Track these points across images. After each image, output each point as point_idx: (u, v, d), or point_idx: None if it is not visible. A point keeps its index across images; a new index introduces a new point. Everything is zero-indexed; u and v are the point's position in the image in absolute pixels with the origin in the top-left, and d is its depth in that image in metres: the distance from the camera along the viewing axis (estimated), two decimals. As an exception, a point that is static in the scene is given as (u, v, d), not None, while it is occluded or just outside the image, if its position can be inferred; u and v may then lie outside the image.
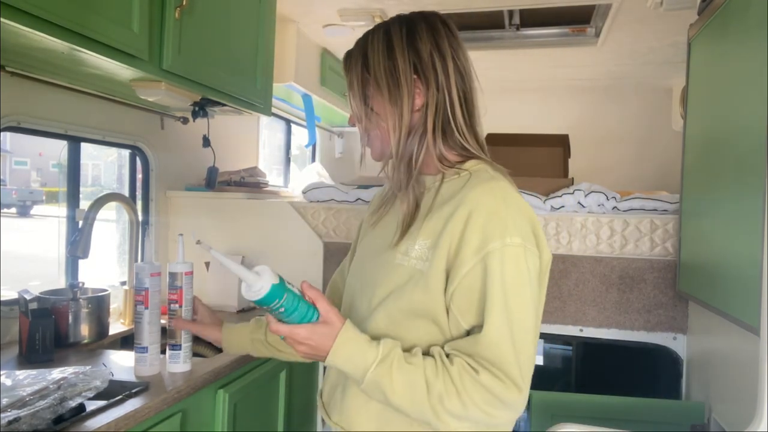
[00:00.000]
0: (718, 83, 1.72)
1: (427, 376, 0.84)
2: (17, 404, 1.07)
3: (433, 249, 0.89)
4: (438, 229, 0.90)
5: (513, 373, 0.84)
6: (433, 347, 0.90)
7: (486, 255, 0.86)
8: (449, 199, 0.92)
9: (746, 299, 1.40)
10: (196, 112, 2.02)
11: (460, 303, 0.88)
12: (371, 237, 1.07)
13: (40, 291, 1.73)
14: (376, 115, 0.98)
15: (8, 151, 11.80)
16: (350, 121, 1.06)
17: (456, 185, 0.94)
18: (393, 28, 0.98)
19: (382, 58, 0.96)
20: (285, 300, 0.85)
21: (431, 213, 0.93)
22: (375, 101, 0.98)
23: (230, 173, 2.55)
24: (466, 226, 0.87)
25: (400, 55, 0.95)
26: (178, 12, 1.59)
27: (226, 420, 1.59)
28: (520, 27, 2.78)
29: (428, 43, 0.96)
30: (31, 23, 1.14)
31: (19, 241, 5.68)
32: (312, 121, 3.10)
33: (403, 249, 0.94)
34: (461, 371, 0.84)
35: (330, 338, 0.86)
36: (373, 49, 0.97)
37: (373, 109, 0.98)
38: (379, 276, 0.96)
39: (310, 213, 2.38)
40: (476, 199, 0.88)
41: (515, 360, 0.84)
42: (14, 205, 10.15)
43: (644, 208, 2.13)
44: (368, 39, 1.00)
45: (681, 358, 2.08)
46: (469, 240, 0.87)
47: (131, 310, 2.02)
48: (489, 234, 0.86)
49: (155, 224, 2.32)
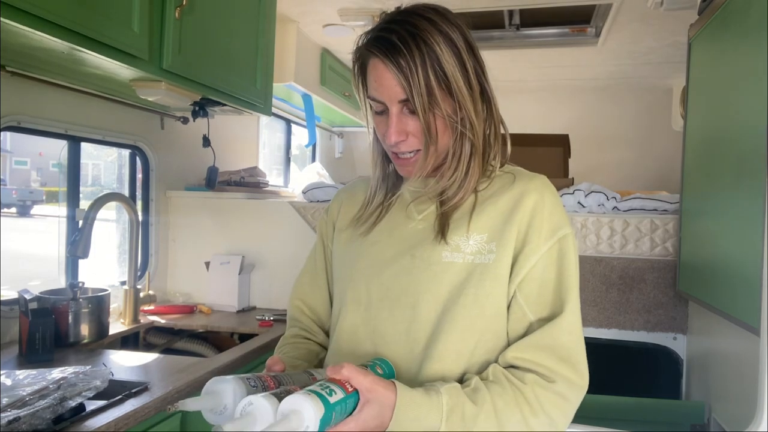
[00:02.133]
0: (718, 83, 1.72)
1: (499, 410, 0.78)
2: (17, 404, 1.07)
3: (497, 241, 0.87)
4: (496, 223, 0.88)
5: (581, 359, 0.84)
6: (494, 368, 0.83)
7: (559, 241, 0.86)
8: (498, 195, 0.90)
9: (746, 299, 1.40)
10: (196, 112, 2.02)
11: (528, 291, 0.86)
12: (373, 244, 0.95)
13: (40, 291, 1.73)
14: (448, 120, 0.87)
15: (8, 151, 11.79)
16: (397, 136, 0.88)
17: (496, 184, 0.93)
18: (441, 24, 0.87)
19: (455, 59, 0.86)
20: (335, 416, 0.69)
21: (478, 209, 0.90)
22: (460, 104, 0.87)
23: (230, 173, 2.55)
24: (532, 217, 0.87)
25: (465, 56, 0.88)
26: (178, 12, 1.59)
27: (226, 420, 1.58)
28: (520, 27, 2.78)
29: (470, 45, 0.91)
30: (32, 23, 1.14)
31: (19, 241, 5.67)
32: (312, 121, 3.10)
33: (453, 245, 0.88)
34: (534, 387, 0.80)
35: (385, 416, 0.74)
36: (440, 49, 0.85)
37: (453, 115, 0.87)
38: (422, 279, 0.88)
39: (310, 213, 2.38)
40: (538, 191, 0.88)
41: (584, 347, 0.85)
42: (14, 205, 10.15)
43: (644, 208, 2.13)
44: (422, 36, 0.85)
45: (681, 358, 2.08)
46: (539, 228, 0.86)
47: (131, 309, 2.02)
48: (556, 223, 0.87)
49: (155, 224, 2.32)
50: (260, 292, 2.40)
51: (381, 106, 0.89)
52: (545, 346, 0.82)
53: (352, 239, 0.98)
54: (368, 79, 0.90)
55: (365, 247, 0.96)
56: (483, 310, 0.85)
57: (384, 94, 0.87)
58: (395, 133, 0.87)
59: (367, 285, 0.92)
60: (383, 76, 0.86)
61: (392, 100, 0.86)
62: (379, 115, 0.91)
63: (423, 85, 0.83)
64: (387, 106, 0.88)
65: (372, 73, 0.88)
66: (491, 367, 0.83)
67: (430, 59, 0.84)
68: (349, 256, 0.98)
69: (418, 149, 0.89)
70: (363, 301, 0.92)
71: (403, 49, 0.84)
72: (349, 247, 0.98)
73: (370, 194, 0.99)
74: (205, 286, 2.35)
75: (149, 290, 2.22)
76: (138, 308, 2.05)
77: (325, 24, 2.61)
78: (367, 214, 0.98)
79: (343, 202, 1.06)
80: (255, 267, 2.40)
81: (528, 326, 0.85)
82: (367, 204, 0.99)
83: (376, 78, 0.87)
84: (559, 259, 0.86)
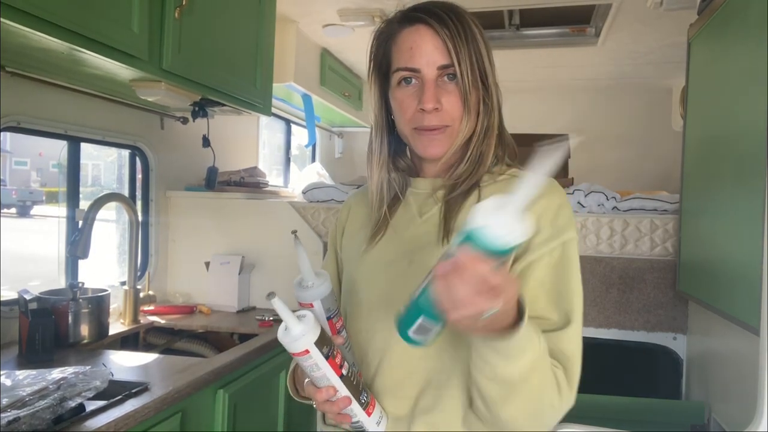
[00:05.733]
0: (718, 83, 1.72)
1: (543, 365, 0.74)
2: (17, 404, 1.07)
3: None
4: None
5: (577, 371, 0.80)
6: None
7: (563, 244, 0.82)
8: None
9: (746, 299, 1.40)
10: (196, 112, 2.02)
11: (528, 295, 0.80)
12: (375, 249, 0.93)
13: (40, 291, 1.73)
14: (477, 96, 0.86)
15: (8, 151, 11.82)
16: (434, 102, 0.83)
17: (502, 188, 0.87)
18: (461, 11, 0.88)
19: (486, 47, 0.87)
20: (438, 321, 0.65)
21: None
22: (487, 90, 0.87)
23: (230, 173, 2.55)
24: (537, 220, 0.82)
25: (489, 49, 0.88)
26: (178, 12, 1.59)
27: (225, 420, 1.59)
28: (520, 27, 2.78)
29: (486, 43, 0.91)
30: (31, 23, 1.14)
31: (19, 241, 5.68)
32: (312, 121, 3.10)
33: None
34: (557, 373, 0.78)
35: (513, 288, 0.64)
36: (477, 32, 0.86)
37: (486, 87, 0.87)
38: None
39: (310, 213, 2.38)
40: (544, 196, 0.83)
41: (579, 361, 0.81)
42: (14, 205, 10.17)
43: (644, 208, 2.13)
44: (464, 16, 0.86)
45: (681, 358, 2.08)
46: (542, 231, 0.82)
47: (131, 310, 2.02)
48: (561, 226, 0.83)
49: (155, 224, 2.32)
50: (260, 293, 2.40)
51: (411, 74, 0.85)
52: (555, 349, 0.79)
53: (359, 244, 0.96)
54: (398, 50, 0.87)
55: (368, 252, 0.93)
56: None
57: (422, 58, 0.83)
58: (432, 99, 0.83)
59: (367, 291, 0.91)
60: (425, 40, 0.84)
61: (431, 65, 0.83)
62: (404, 87, 0.86)
63: (467, 52, 0.83)
64: (422, 73, 0.84)
65: (406, 41, 0.85)
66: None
67: (472, 36, 0.84)
68: (353, 261, 0.96)
69: (446, 125, 0.85)
70: (364, 307, 0.91)
71: (449, 20, 0.83)
72: (355, 253, 0.96)
73: (373, 201, 0.95)
74: (205, 287, 2.35)
75: (149, 290, 2.22)
76: (138, 308, 2.05)
77: (325, 24, 2.61)
78: (373, 220, 0.95)
79: (351, 206, 1.04)
80: (255, 267, 2.40)
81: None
82: (374, 213, 0.95)
83: (413, 44, 0.84)
84: (564, 262, 0.82)
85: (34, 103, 1.71)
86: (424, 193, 0.92)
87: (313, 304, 0.80)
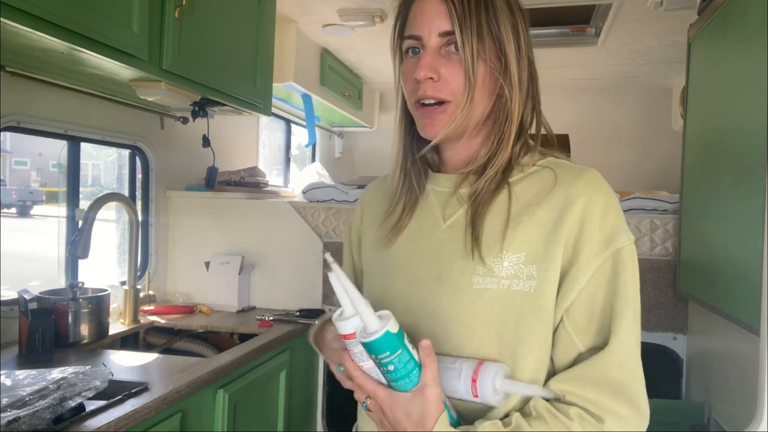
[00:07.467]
0: (718, 83, 1.72)
1: None
2: (17, 404, 1.07)
3: (537, 264, 0.74)
4: (535, 240, 0.74)
5: (638, 394, 0.71)
6: (536, 401, 0.72)
7: (613, 255, 0.73)
8: (536, 203, 0.76)
9: (746, 299, 1.40)
10: (196, 112, 2.02)
11: (579, 319, 0.73)
12: (399, 258, 0.84)
13: (40, 291, 1.73)
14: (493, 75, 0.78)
15: (8, 151, 11.83)
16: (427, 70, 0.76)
17: (535, 185, 0.79)
18: None
19: (509, 14, 0.79)
20: (397, 357, 0.68)
21: (513, 223, 0.76)
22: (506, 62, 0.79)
23: (230, 173, 2.55)
24: (581, 230, 0.73)
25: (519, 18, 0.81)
26: (178, 12, 1.59)
27: (225, 420, 1.59)
28: (520, 27, 2.78)
29: (524, 15, 0.84)
30: (31, 23, 1.14)
31: (19, 241, 5.68)
32: (312, 121, 3.10)
33: (486, 268, 0.75)
34: (583, 423, 0.69)
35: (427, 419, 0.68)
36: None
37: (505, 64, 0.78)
38: (450, 310, 0.76)
39: (310, 213, 2.38)
40: (585, 196, 0.74)
41: (641, 376, 0.72)
42: (14, 205, 10.18)
43: (644, 208, 2.13)
44: None
45: (681, 358, 2.08)
46: (589, 242, 0.73)
47: (131, 309, 2.02)
48: (609, 232, 0.74)
49: (155, 224, 2.32)
50: (260, 292, 2.41)
51: (416, 43, 0.78)
52: (594, 380, 0.71)
53: (378, 249, 0.87)
54: (408, 19, 0.80)
55: (390, 262, 0.85)
56: (521, 344, 0.75)
57: (424, 25, 0.77)
58: (426, 66, 0.75)
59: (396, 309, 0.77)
60: (429, 4, 0.77)
61: (432, 31, 0.76)
62: (410, 58, 0.80)
63: (474, 19, 0.75)
64: (424, 41, 0.77)
65: (415, 8, 0.79)
66: (533, 401, 0.72)
67: (491, 4, 0.77)
68: (375, 270, 0.88)
69: (448, 100, 0.77)
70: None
71: None
72: (376, 260, 0.88)
73: (392, 196, 0.87)
74: (205, 286, 2.35)
75: (149, 290, 2.22)
76: (138, 308, 2.05)
77: (324, 24, 2.61)
78: (391, 220, 0.86)
79: (365, 206, 0.96)
80: (255, 267, 2.40)
81: (577, 356, 0.74)
82: (391, 208, 0.87)
83: (419, 10, 0.78)
84: (614, 277, 0.73)
85: (34, 103, 1.71)
86: (446, 191, 0.83)
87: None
